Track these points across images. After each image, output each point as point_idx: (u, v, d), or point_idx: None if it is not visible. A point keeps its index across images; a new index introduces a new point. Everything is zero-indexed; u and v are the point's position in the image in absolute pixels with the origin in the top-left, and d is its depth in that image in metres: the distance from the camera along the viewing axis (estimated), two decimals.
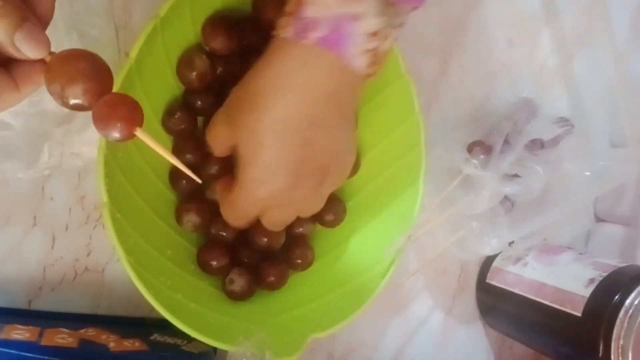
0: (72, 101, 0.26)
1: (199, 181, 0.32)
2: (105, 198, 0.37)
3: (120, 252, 0.36)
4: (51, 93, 0.27)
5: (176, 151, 0.44)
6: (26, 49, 0.26)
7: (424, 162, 0.46)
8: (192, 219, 0.43)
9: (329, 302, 0.46)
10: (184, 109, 0.44)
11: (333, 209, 0.48)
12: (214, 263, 0.44)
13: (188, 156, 0.44)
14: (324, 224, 0.48)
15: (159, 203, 0.44)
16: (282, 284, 0.46)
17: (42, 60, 0.27)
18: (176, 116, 0.43)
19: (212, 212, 0.44)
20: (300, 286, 0.48)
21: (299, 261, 0.47)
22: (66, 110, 0.28)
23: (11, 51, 0.26)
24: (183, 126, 0.43)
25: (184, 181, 0.44)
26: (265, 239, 0.45)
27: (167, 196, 0.45)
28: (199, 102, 0.44)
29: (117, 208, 0.37)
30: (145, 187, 0.42)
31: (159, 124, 0.44)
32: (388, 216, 0.47)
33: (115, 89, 0.36)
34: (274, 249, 0.46)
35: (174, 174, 0.44)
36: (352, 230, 0.48)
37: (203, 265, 0.44)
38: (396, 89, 0.46)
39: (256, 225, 0.43)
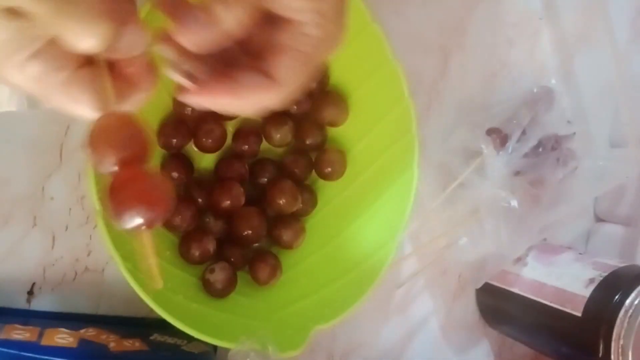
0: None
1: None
2: (98, 206, 0.36)
3: (117, 258, 0.36)
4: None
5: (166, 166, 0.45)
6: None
7: (417, 147, 0.46)
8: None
9: (331, 293, 0.46)
10: (177, 125, 0.44)
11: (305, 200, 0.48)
12: (197, 253, 0.44)
13: (174, 174, 0.44)
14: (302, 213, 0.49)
15: None
16: (273, 278, 0.46)
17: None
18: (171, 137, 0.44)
19: (200, 212, 0.45)
20: (301, 279, 0.48)
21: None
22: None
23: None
24: (175, 141, 0.44)
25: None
26: (282, 201, 0.46)
27: None
28: (189, 109, 0.44)
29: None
30: None
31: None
32: (385, 204, 0.47)
33: None
34: (289, 211, 0.46)
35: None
36: (349, 220, 0.48)
37: (185, 253, 0.44)
38: (384, 75, 0.45)
39: (273, 187, 0.45)
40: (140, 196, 0.24)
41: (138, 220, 0.23)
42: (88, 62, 0.24)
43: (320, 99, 0.48)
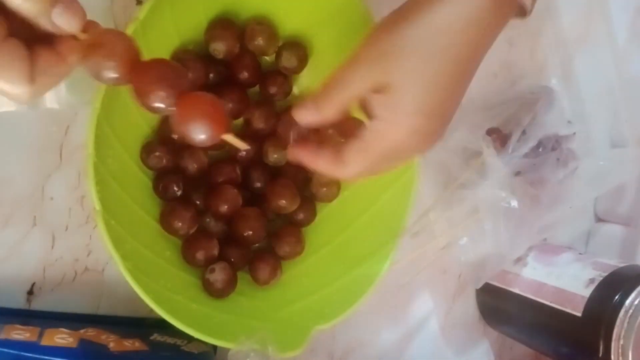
0: (108, 75, 0.26)
1: (247, 147, 0.31)
2: (97, 206, 0.36)
3: (117, 258, 0.36)
4: (88, 69, 0.27)
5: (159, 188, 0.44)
6: (63, 22, 0.26)
7: None
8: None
9: (331, 293, 0.46)
10: (163, 145, 0.44)
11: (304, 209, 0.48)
12: (200, 255, 0.44)
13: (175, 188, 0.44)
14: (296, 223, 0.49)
15: (154, 206, 0.44)
16: (274, 277, 0.46)
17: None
18: (156, 154, 0.43)
19: (199, 214, 0.45)
20: (302, 278, 0.48)
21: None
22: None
23: (48, 27, 0.26)
24: (164, 163, 0.44)
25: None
26: (282, 201, 0.45)
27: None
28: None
29: (110, 214, 0.37)
30: (138, 191, 0.42)
31: (148, 127, 0.44)
32: (385, 204, 0.47)
33: (99, 96, 0.36)
34: (289, 210, 0.46)
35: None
36: (349, 220, 0.48)
37: (188, 257, 0.44)
38: None
39: (272, 186, 0.45)
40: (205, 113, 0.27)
41: (204, 135, 0.27)
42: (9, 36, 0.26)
43: None
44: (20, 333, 0.38)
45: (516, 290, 0.53)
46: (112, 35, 0.27)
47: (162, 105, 0.27)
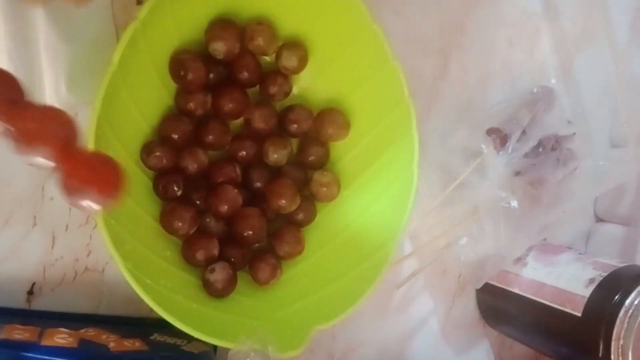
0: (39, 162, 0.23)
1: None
2: None
3: (117, 258, 0.36)
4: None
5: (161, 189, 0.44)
6: None
7: (417, 147, 0.46)
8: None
9: (331, 293, 0.46)
10: (163, 145, 0.44)
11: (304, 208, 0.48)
12: (200, 255, 0.44)
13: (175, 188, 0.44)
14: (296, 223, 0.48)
15: (154, 206, 0.44)
16: (274, 277, 0.46)
17: None
18: (156, 154, 0.43)
19: (199, 214, 0.44)
20: (301, 279, 0.48)
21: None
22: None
23: None
24: (164, 163, 0.43)
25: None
26: (283, 201, 0.45)
27: None
28: (191, 104, 0.44)
29: (111, 214, 0.37)
30: (138, 191, 0.42)
31: (148, 127, 0.44)
32: (384, 204, 0.47)
33: (99, 96, 0.36)
34: (289, 210, 0.46)
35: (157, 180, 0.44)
36: (349, 219, 0.48)
37: (188, 257, 0.44)
38: (384, 75, 0.45)
39: (272, 186, 0.45)
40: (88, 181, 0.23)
41: (92, 204, 0.24)
42: None
43: (320, 118, 0.48)
44: (20, 333, 0.38)
45: (516, 290, 0.53)
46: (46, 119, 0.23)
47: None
